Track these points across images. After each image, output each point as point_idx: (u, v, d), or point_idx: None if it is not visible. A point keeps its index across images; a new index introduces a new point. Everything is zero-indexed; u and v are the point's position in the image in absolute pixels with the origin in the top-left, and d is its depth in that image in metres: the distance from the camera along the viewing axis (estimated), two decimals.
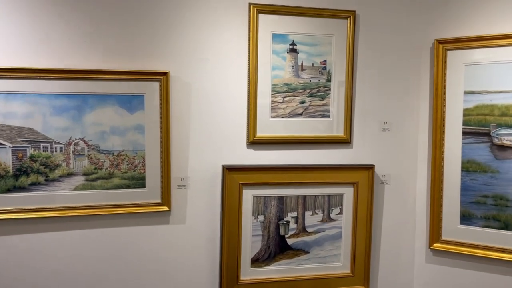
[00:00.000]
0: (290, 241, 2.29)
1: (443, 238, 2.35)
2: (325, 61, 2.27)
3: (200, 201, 2.21)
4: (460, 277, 2.32)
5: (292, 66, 2.24)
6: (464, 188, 2.29)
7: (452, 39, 2.26)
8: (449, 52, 2.29)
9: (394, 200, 2.42)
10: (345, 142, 2.32)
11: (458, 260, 2.32)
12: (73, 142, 2.01)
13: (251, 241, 2.25)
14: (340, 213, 2.33)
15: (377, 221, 2.41)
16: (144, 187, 2.11)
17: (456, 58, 2.27)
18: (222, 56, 2.17)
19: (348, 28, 2.27)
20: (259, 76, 2.20)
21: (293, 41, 2.23)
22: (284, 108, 2.24)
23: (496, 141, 2.21)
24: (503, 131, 2.19)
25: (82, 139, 2.02)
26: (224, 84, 2.19)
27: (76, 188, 2.03)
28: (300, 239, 2.30)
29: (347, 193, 2.33)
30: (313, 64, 2.26)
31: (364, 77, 2.34)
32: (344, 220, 2.34)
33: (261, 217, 2.24)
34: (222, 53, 2.17)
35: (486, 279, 2.26)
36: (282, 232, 2.28)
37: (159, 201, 2.14)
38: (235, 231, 2.20)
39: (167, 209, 2.15)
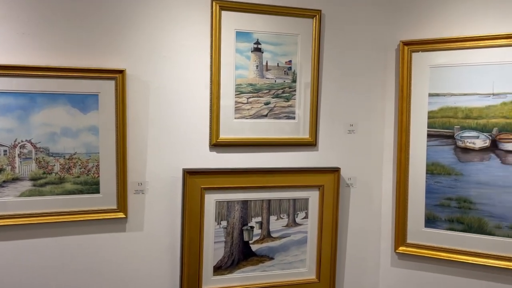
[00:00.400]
0: (254, 247, 2.21)
1: (408, 241, 2.33)
2: (290, 61, 2.21)
3: (159, 207, 2.09)
4: (424, 280, 2.31)
5: (257, 65, 2.16)
6: (429, 191, 2.28)
7: (417, 40, 2.25)
8: (414, 54, 2.27)
9: (360, 203, 2.39)
10: (310, 144, 2.27)
11: (423, 263, 2.31)
12: (19, 145, 1.86)
13: (213, 248, 2.15)
14: (306, 217, 2.27)
15: (343, 224, 2.36)
16: (98, 192, 1.98)
17: (421, 60, 2.26)
18: (183, 54, 2.07)
19: (314, 28, 2.21)
20: (222, 76, 2.11)
21: (258, 40, 2.15)
22: (248, 109, 2.16)
23: (459, 143, 2.21)
24: (466, 134, 2.19)
25: (29, 141, 1.87)
26: (185, 83, 2.08)
27: (22, 195, 1.88)
28: (264, 245, 2.23)
29: (313, 196, 2.27)
30: (278, 64, 2.19)
31: (330, 78, 2.29)
32: (310, 225, 2.28)
33: (224, 223, 2.15)
34: (183, 51, 2.07)
35: (449, 282, 2.25)
36: (246, 238, 2.19)
37: (115, 207, 2.00)
38: (196, 238, 2.10)
39: (123, 216, 2.02)
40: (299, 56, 2.21)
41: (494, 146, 2.13)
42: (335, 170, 2.27)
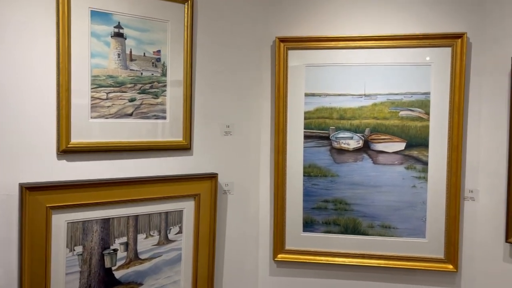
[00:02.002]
0: (118, 274, 1.83)
1: (287, 247, 2.22)
2: (159, 51, 1.89)
3: None
4: (304, 286, 2.23)
5: (119, 54, 1.78)
6: (306, 194, 2.21)
7: (294, 38, 2.15)
8: (290, 52, 2.17)
9: (238, 211, 2.19)
10: (184, 148, 1.98)
11: (302, 269, 2.23)
12: None
13: (64, 282, 1.69)
14: (180, 232, 1.98)
15: (220, 235, 2.13)
16: None
17: (297, 58, 2.17)
18: (22, 36, 1.57)
19: (186, 15, 1.93)
20: (73, 65, 1.68)
21: (119, 23, 1.78)
22: (108, 106, 1.77)
23: (335, 144, 2.18)
24: (341, 135, 2.17)
25: None
26: (24, 73, 1.59)
27: None
28: (131, 269, 1.86)
29: (188, 207, 1.99)
30: (144, 53, 1.85)
31: (204, 74, 2.04)
32: (184, 240, 1.99)
33: (79, 249, 1.72)
34: (23, 33, 1.57)
35: (330, 286, 2.21)
36: (108, 264, 1.79)
37: None
38: (41, 272, 1.62)
39: None
40: (169, 46, 1.90)
41: (366, 147, 2.16)
42: (212, 177, 2.02)
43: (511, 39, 1.95)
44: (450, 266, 2.09)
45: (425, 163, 2.10)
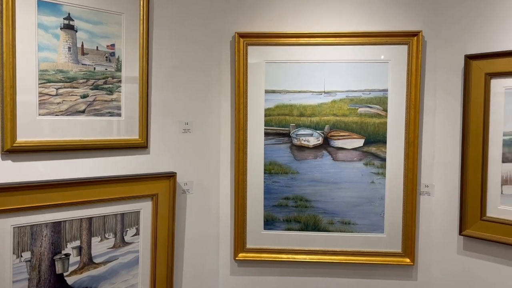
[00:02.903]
0: (71, 280, 1.73)
1: (248, 246, 2.20)
2: (113, 45, 1.80)
3: None
4: (267, 285, 2.21)
5: (69, 47, 1.68)
6: (267, 192, 2.18)
7: (253, 33, 2.12)
8: (250, 48, 2.14)
9: (197, 211, 2.14)
10: (141, 146, 1.90)
11: (263, 267, 2.21)
12: None
13: None
14: (137, 233, 1.90)
15: (179, 236, 2.07)
16: None
17: (257, 54, 2.14)
18: None
19: (141, 7, 1.85)
20: (18, 58, 1.57)
21: (69, 14, 1.68)
22: (59, 103, 1.67)
23: (295, 141, 2.17)
24: (301, 132, 2.17)
25: None
26: None
27: None
28: (85, 274, 1.77)
29: (145, 208, 1.92)
30: (97, 47, 1.76)
31: (161, 69, 1.97)
32: (142, 242, 1.92)
33: (27, 255, 1.61)
34: None
35: (292, 283, 2.20)
36: (59, 270, 1.70)
37: None
38: None
39: None
40: (124, 40, 1.82)
41: (326, 144, 2.16)
42: (171, 176, 1.96)
43: (464, 37, 2.01)
44: (407, 260, 2.13)
45: (383, 159, 2.13)
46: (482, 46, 1.94)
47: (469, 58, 1.95)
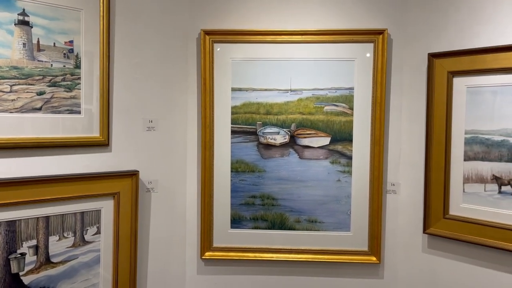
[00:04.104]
0: (27, 279, 1.70)
1: (215, 245, 2.18)
2: (71, 41, 1.77)
3: None
4: (233, 284, 2.20)
5: (24, 43, 1.65)
6: (234, 190, 2.17)
7: (219, 31, 2.11)
8: (216, 45, 2.12)
9: (163, 209, 2.12)
10: (102, 144, 1.88)
11: (230, 266, 2.20)
12: None
13: None
14: (98, 232, 1.88)
15: (143, 236, 2.05)
16: None
17: (223, 52, 2.12)
18: None
19: (101, 3, 1.83)
20: None
21: (24, 10, 1.65)
22: (13, 100, 1.64)
23: (262, 140, 2.16)
24: (268, 130, 2.16)
25: None
26: None
27: None
28: (42, 274, 1.74)
29: (106, 207, 1.89)
30: (54, 44, 1.73)
31: (124, 66, 1.94)
32: (103, 241, 1.90)
33: None
34: None
35: (259, 282, 2.19)
36: (15, 270, 1.67)
37: None
38: None
39: None
40: (83, 37, 1.80)
41: (293, 142, 2.15)
42: (133, 174, 1.94)
43: (429, 35, 2.01)
44: (374, 258, 2.13)
45: (349, 158, 2.13)
46: (445, 44, 1.94)
47: (433, 56, 1.95)
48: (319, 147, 2.14)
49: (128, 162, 1.97)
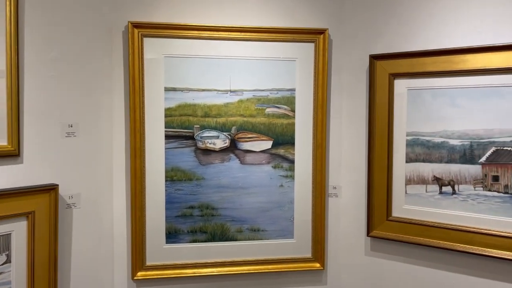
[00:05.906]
0: None
1: (148, 263, 1.96)
2: None
3: None
4: None
5: None
6: (169, 201, 1.97)
7: (150, 24, 1.89)
8: (146, 39, 1.90)
9: (87, 227, 1.84)
10: (11, 155, 1.55)
11: (167, 285, 1.99)
12: None
13: None
14: (8, 261, 1.55)
15: (65, 259, 1.76)
16: None
17: (154, 48, 1.90)
18: None
19: None
20: None
21: None
22: None
23: (200, 144, 1.98)
24: (206, 134, 1.99)
25: None
26: None
27: None
28: None
29: (18, 229, 1.57)
30: None
31: (37, 62, 1.64)
32: (15, 270, 1.57)
33: None
34: None
35: None
36: None
37: None
38: None
39: None
40: None
41: (233, 146, 2.01)
42: (51, 189, 1.64)
43: (369, 36, 1.99)
44: (317, 265, 2.07)
45: (292, 162, 2.04)
46: (386, 46, 1.94)
47: (374, 58, 1.94)
48: (261, 151, 2.02)
49: (45, 175, 1.66)
